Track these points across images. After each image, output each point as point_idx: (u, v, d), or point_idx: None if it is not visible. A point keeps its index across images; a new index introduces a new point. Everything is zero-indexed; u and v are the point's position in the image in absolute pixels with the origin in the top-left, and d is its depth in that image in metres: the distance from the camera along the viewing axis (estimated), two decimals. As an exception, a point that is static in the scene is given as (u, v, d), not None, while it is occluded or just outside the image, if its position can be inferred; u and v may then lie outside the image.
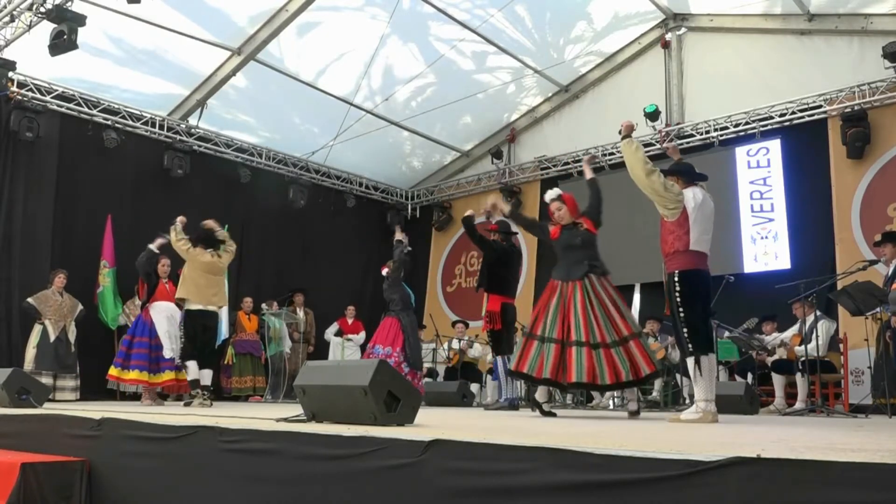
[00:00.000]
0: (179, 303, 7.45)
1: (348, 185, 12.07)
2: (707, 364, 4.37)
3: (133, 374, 7.62)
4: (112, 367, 7.74)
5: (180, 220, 7.32)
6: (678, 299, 4.41)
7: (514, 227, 7.09)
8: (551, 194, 5.51)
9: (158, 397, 7.95)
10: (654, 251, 4.98)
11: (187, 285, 7.10)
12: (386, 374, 3.14)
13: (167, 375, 7.69)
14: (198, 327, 7.10)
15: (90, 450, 3.61)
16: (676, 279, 4.42)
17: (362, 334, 10.96)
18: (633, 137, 4.72)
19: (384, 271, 8.03)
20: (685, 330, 4.39)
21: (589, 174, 5.59)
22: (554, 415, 5.27)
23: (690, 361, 4.39)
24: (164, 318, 7.71)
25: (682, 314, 4.40)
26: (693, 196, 4.52)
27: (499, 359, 6.89)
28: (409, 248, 8.21)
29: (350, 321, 10.97)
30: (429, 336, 10.46)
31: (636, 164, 4.53)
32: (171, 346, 7.66)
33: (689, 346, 4.37)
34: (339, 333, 10.90)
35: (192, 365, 7.02)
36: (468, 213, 6.98)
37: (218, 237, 7.34)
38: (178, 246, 7.17)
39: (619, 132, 4.81)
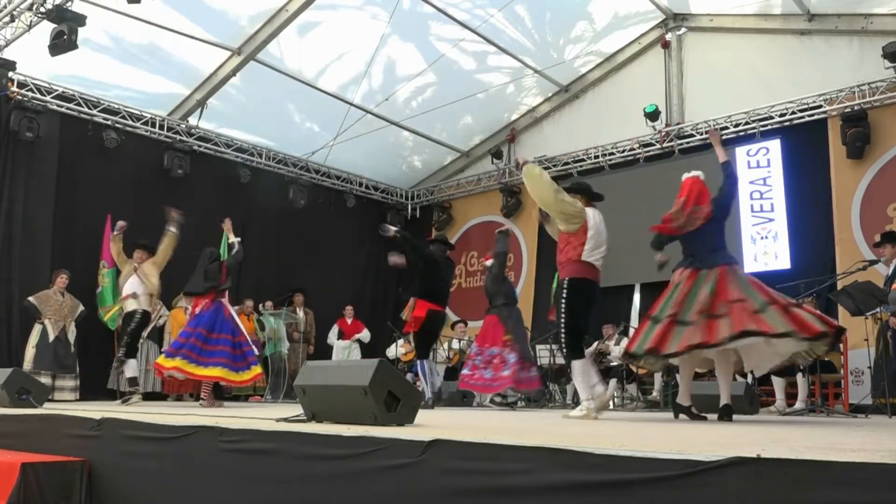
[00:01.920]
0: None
1: (348, 185, 12.07)
2: (580, 367, 4.71)
3: (216, 371, 6.97)
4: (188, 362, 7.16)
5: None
6: (563, 305, 4.70)
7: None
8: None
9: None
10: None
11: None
12: (386, 374, 3.14)
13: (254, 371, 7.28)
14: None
15: (90, 450, 3.60)
16: (565, 286, 4.74)
17: (366, 332, 10.98)
18: (532, 162, 5.02)
19: (487, 262, 7.84)
20: (564, 335, 4.68)
21: (722, 156, 5.09)
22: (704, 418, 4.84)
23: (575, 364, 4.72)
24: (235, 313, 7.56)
25: (563, 319, 4.68)
26: (593, 215, 4.87)
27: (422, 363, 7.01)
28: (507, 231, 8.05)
29: (349, 321, 10.98)
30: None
31: (544, 187, 4.77)
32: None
33: (565, 350, 4.70)
34: (340, 335, 10.90)
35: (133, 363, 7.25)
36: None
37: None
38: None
39: (518, 165, 5.12)
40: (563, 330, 4.70)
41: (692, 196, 4.76)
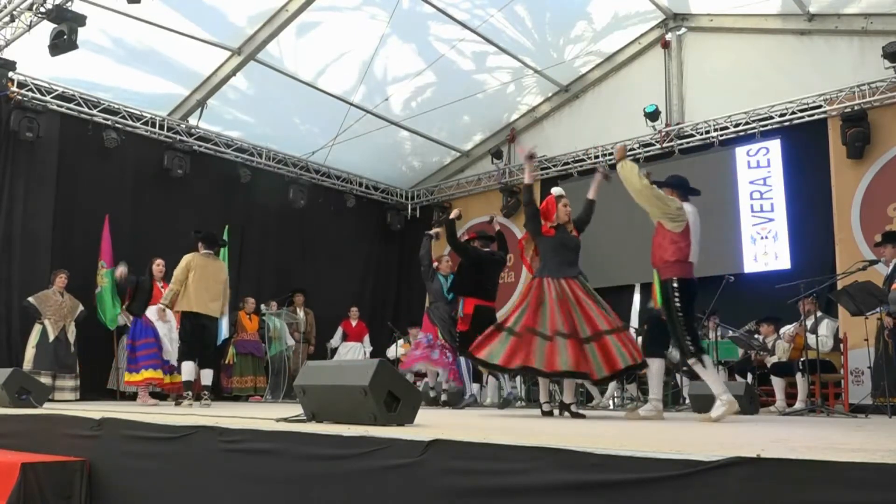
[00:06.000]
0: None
1: (348, 185, 12.07)
2: (708, 362, 4.78)
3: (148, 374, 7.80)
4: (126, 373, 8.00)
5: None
6: (678, 305, 4.73)
7: (499, 234, 7.54)
8: (561, 191, 5.60)
9: (152, 397, 8.10)
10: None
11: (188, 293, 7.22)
12: (386, 374, 3.14)
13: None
14: (196, 328, 7.19)
15: (90, 450, 3.61)
16: (676, 285, 4.75)
17: (367, 340, 10.99)
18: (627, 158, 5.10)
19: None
20: (687, 335, 4.72)
21: (593, 195, 5.69)
22: (582, 416, 5.30)
23: (695, 362, 4.72)
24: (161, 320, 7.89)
25: (681, 319, 4.73)
26: (692, 211, 4.91)
27: (463, 360, 7.04)
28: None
29: (354, 323, 10.97)
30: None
31: (633, 176, 4.87)
32: (169, 349, 7.89)
33: (692, 348, 4.69)
34: (345, 337, 10.89)
35: (187, 366, 7.13)
36: (452, 214, 7.33)
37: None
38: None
39: (614, 159, 5.20)
40: (684, 331, 4.71)
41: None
